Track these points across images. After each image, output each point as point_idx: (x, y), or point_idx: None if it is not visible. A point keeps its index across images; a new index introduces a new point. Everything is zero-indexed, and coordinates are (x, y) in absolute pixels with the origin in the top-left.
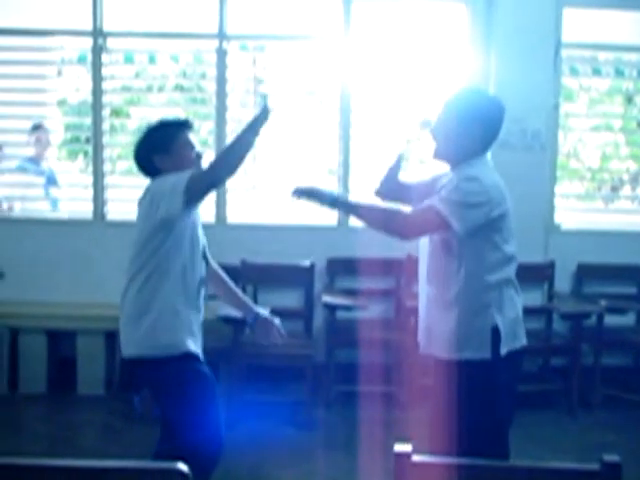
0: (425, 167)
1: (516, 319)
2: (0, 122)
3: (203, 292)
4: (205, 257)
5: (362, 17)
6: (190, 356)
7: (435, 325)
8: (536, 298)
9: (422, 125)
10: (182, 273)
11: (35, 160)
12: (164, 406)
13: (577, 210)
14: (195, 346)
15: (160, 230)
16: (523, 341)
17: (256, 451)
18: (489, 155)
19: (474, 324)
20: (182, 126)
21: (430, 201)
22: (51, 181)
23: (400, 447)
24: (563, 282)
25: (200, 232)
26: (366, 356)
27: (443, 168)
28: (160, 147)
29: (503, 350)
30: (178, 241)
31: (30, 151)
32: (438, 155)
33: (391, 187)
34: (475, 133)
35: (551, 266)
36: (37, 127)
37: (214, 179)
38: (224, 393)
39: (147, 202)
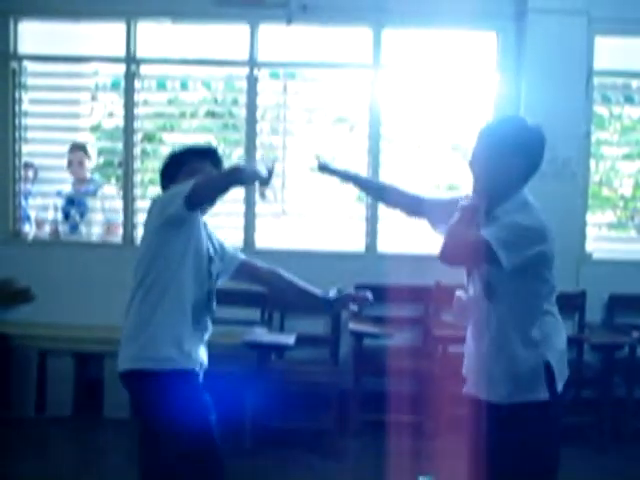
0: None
1: (564, 350)
2: (36, 146)
3: (210, 308)
4: (211, 276)
5: (392, 45)
6: (186, 374)
7: (486, 367)
8: (567, 329)
9: (318, 164)
10: (183, 288)
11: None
12: (153, 420)
13: (609, 239)
14: (193, 364)
15: (161, 235)
16: (567, 372)
17: (280, 478)
18: None
19: (527, 363)
20: (201, 154)
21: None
22: (74, 203)
23: None
24: (594, 312)
25: (209, 247)
26: (393, 385)
27: (463, 191)
28: (171, 171)
29: (559, 386)
30: (180, 253)
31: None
32: (477, 190)
33: (397, 197)
34: (518, 166)
35: (582, 296)
36: (75, 147)
37: (213, 188)
38: (249, 419)
39: (152, 215)
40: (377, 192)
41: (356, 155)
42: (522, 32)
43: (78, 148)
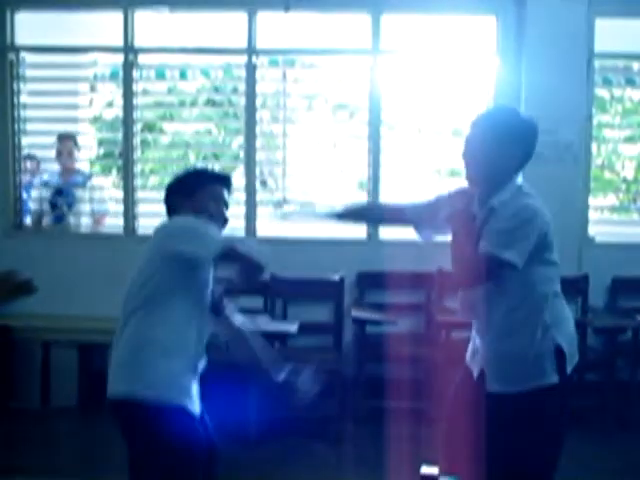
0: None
1: (573, 333)
2: (36, 138)
3: (204, 356)
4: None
5: (391, 30)
6: (182, 411)
7: (493, 355)
8: (570, 312)
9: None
10: (186, 324)
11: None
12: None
13: (611, 222)
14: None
15: (172, 267)
16: (577, 357)
17: (284, 466)
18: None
19: (538, 348)
20: (217, 180)
21: (481, 248)
22: (62, 194)
23: (427, 469)
24: (597, 296)
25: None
26: (395, 371)
27: (447, 187)
28: (185, 190)
29: (569, 370)
30: (188, 288)
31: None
32: (471, 179)
33: (378, 215)
34: (513, 154)
35: (585, 280)
36: (65, 137)
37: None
38: (253, 408)
39: (163, 235)
40: (363, 218)
41: (356, 142)
42: (522, 15)
43: (68, 138)
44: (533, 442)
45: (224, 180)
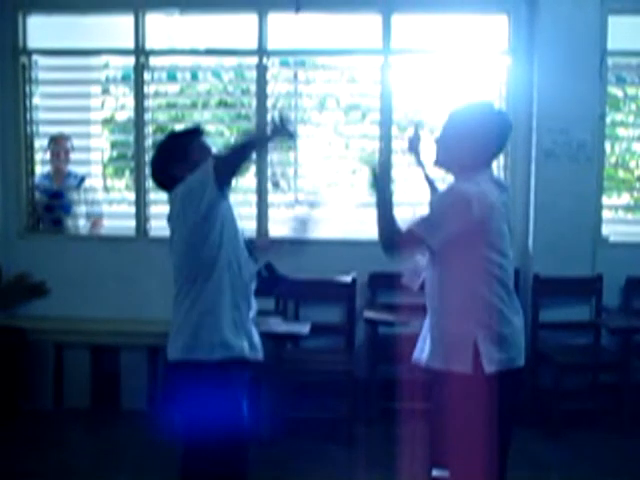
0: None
1: (505, 335)
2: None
3: (253, 287)
4: (251, 253)
5: (402, 30)
6: (232, 362)
7: (429, 334)
8: (584, 313)
9: (413, 126)
10: (229, 270)
11: (50, 176)
12: (190, 411)
13: (625, 222)
14: (243, 345)
15: (201, 228)
16: (518, 363)
17: (296, 467)
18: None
19: (457, 336)
20: (193, 134)
21: (409, 224)
22: (56, 196)
23: (437, 472)
24: (612, 296)
25: (240, 231)
26: (408, 372)
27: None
28: (176, 155)
29: (488, 368)
30: (218, 239)
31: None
32: (438, 163)
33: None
34: (483, 148)
35: (599, 280)
36: (60, 139)
37: (235, 161)
38: (266, 409)
39: (178, 208)
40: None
41: (368, 141)
42: (534, 13)
43: (63, 139)
44: (452, 421)
45: (199, 131)
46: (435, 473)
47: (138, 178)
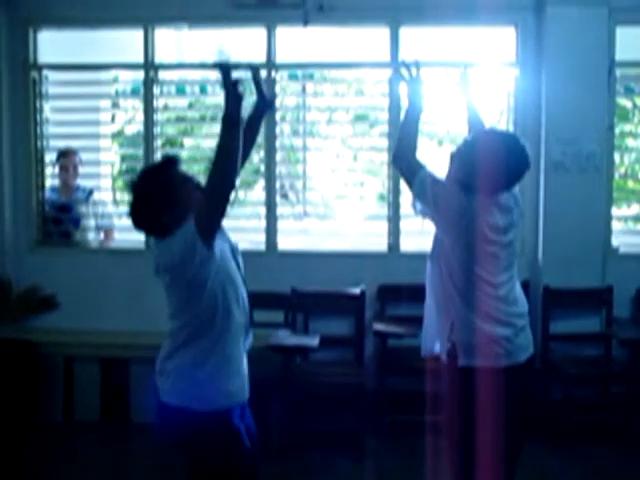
0: None
1: (487, 331)
2: None
3: (250, 335)
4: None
5: (410, 43)
6: (233, 409)
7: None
8: (594, 324)
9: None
10: (229, 317)
11: (57, 189)
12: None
13: (635, 233)
14: (244, 388)
15: (199, 282)
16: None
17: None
18: None
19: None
20: (170, 168)
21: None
22: (65, 210)
23: None
24: (622, 308)
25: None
26: (418, 385)
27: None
28: (166, 205)
29: (462, 362)
30: (217, 288)
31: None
32: (457, 180)
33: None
34: (488, 174)
35: (609, 291)
36: (69, 153)
37: (218, 205)
38: (275, 422)
39: (168, 279)
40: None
41: (376, 154)
42: (541, 25)
43: (72, 153)
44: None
45: (174, 162)
46: None
47: None
